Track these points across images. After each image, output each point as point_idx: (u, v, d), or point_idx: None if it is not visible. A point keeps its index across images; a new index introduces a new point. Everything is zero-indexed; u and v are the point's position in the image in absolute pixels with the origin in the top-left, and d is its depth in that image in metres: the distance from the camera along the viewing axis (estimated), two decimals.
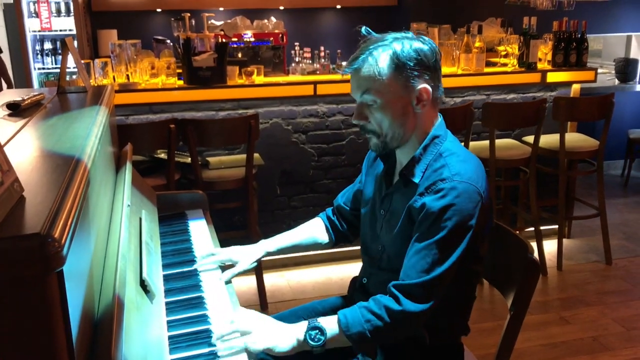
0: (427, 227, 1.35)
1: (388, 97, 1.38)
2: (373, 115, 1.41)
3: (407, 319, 1.34)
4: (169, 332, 1.27)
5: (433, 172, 1.39)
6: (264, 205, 3.52)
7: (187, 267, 1.59)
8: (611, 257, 3.63)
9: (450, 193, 1.33)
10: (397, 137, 1.43)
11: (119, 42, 3.31)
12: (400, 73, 1.36)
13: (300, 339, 1.34)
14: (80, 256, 0.87)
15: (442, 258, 1.33)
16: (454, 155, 1.41)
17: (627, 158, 5.24)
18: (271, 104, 3.43)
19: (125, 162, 1.72)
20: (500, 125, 3.47)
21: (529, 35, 3.66)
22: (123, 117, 3.22)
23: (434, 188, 1.36)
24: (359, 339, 1.34)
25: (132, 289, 1.12)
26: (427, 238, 1.35)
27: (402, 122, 1.41)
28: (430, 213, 1.34)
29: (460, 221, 1.33)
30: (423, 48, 1.38)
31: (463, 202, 1.33)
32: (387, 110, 1.39)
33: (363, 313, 1.35)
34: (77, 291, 0.81)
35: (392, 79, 1.36)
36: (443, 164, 1.39)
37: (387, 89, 1.37)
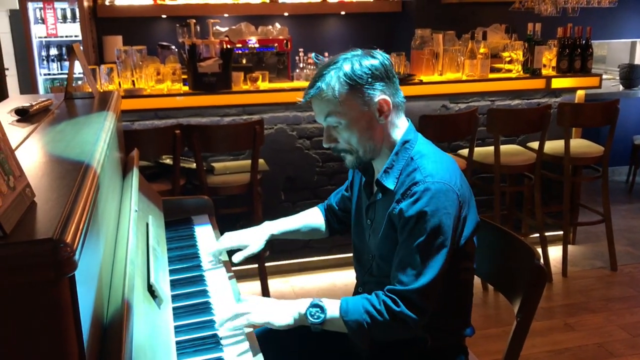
0: (408, 232, 1.38)
1: (350, 116, 1.42)
2: (341, 135, 1.46)
3: (404, 322, 1.37)
4: (176, 337, 1.27)
5: (406, 177, 1.43)
6: (268, 210, 3.52)
7: (194, 273, 1.60)
8: (616, 264, 3.62)
9: (424, 195, 1.36)
10: (369, 150, 1.47)
11: (124, 48, 3.33)
12: (355, 91, 1.41)
13: (301, 312, 1.40)
14: (91, 261, 0.88)
15: (430, 261, 1.36)
16: (425, 157, 1.45)
17: (632, 164, 5.23)
18: (276, 110, 3.43)
19: (132, 167, 1.73)
20: (505, 131, 3.48)
21: (534, 41, 3.67)
22: (129, 122, 3.24)
23: (408, 193, 1.39)
24: (355, 327, 1.38)
25: (140, 294, 1.13)
26: (411, 243, 1.38)
27: (369, 136, 1.45)
28: (409, 218, 1.37)
29: (439, 221, 1.36)
30: (373, 63, 1.42)
31: (438, 202, 1.36)
32: (353, 128, 1.44)
33: (364, 304, 1.39)
34: (87, 296, 0.82)
35: (349, 98, 1.41)
36: (415, 167, 1.43)
37: (347, 108, 1.42)
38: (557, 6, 4.24)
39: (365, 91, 1.41)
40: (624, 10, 5.15)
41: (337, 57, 1.45)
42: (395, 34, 5.17)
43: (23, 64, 5.18)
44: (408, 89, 3.49)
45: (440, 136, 3.28)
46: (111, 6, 4.69)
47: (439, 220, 1.35)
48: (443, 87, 3.59)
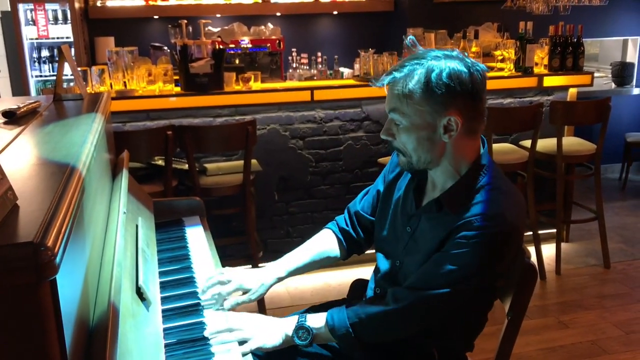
0: (453, 254, 1.30)
1: (413, 120, 1.30)
2: (399, 135, 1.34)
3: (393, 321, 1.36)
4: (165, 340, 1.27)
5: (474, 206, 1.31)
6: (261, 211, 3.52)
7: (184, 274, 1.59)
8: (609, 261, 3.63)
9: (489, 235, 1.28)
10: (424, 162, 1.35)
11: (115, 49, 3.32)
12: (428, 97, 1.27)
13: (288, 334, 1.39)
14: (75, 264, 0.87)
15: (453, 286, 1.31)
16: (499, 191, 1.33)
17: (625, 161, 5.25)
18: (268, 110, 3.43)
19: (122, 169, 1.72)
20: (498, 130, 3.48)
21: (526, 39, 3.67)
22: (120, 124, 3.22)
23: (472, 225, 1.28)
24: (344, 340, 1.38)
25: (128, 297, 1.12)
26: (445, 260, 1.31)
27: (427, 148, 1.32)
28: (461, 246, 1.29)
29: (488, 265, 1.30)
30: (460, 73, 1.27)
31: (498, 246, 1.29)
32: (412, 134, 1.32)
33: (349, 315, 1.38)
34: (71, 299, 0.81)
35: (419, 102, 1.28)
36: (485, 198, 1.31)
37: (414, 112, 1.29)
38: (549, 4, 4.25)
39: (438, 102, 1.27)
40: (615, 8, 5.16)
41: (429, 52, 1.32)
42: (388, 33, 5.17)
43: (14, 65, 5.15)
44: None
45: None
46: (103, 7, 4.68)
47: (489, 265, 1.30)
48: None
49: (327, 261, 1.67)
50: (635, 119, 5.56)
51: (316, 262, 1.65)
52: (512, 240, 1.31)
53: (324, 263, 1.67)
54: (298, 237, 3.62)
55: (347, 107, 3.53)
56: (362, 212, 1.65)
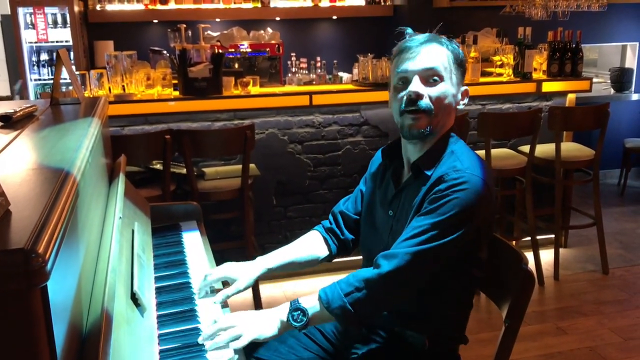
0: (429, 209, 1.39)
1: (449, 81, 1.46)
2: (433, 91, 1.45)
3: (383, 283, 1.36)
4: (160, 346, 1.26)
5: (446, 164, 1.44)
6: (260, 215, 3.51)
7: (180, 280, 1.58)
8: (608, 267, 3.62)
9: (462, 182, 1.37)
10: (440, 125, 1.47)
11: (114, 53, 3.32)
12: (458, 67, 1.48)
13: (283, 320, 1.38)
14: (68, 270, 0.86)
15: (433, 237, 1.36)
16: (466, 154, 1.47)
17: (624, 167, 5.24)
18: (267, 115, 3.43)
19: (119, 174, 1.71)
20: (496, 135, 3.48)
21: (524, 45, 3.68)
22: (119, 128, 3.22)
23: (445, 177, 1.40)
24: (341, 314, 1.37)
25: (123, 303, 1.11)
26: (426, 218, 1.38)
27: (449, 111, 1.48)
28: (438, 198, 1.38)
29: (462, 212, 1.36)
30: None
31: (471, 194, 1.36)
32: (446, 92, 1.45)
33: (342, 287, 1.38)
34: (62, 306, 0.80)
35: (455, 68, 1.47)
36: (456, 159, 1.44)
37: (451, 74, 1.46)
38: (548, 10, 4.26)
39: (460, 73, 1.49)
40: (614, 14, 5.17)
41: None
42: (387, 38, 5.17)
43: (14, 69, 5.15)
44: None
45: None
46: (102, 11, 4.68)
47: (463, 211, 1.36)
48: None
49: (315, 261, 1.70)
50: (634, 124, 5.56)
51: (305, 261, 1.68)
52: (483, 191, 1.38)
53: (313, 263, 1.71)
54: None
55: (345, 111, 3.53)
56: (346, 212, 1.72)
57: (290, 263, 1.65)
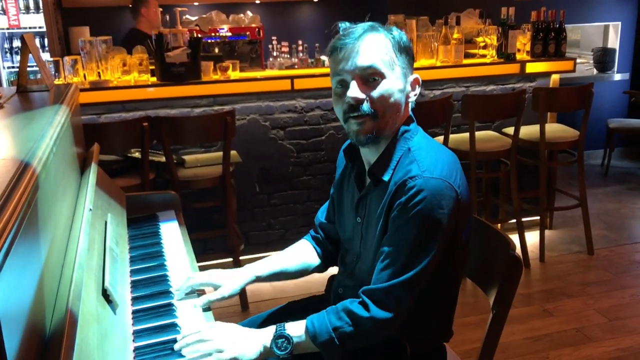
0: (396, 227, 1.29)
1: (393, 75, 1.32)
2: (377, 91, 1.31)
3: (375, 327, 1.29)
4: (135, 342, 1.20)
5: (402, 169, 1.32)
6: (242, 203, 3.45)
7: (157, 272, 1.52)
8: (593, 248, 3.62)
9: (419, 191, 1.26)
10: (391, 125, 1.35)
11: (89, 39, 3.21)
12: (403, 56, 1.33)
13: (267, 345, 1.30)
14: (24, 270, 0.80)
15: (413, 261, 1.27)
16: (423, 150, 1.34)
17: (607, 147, 5.25)
18: (248, 100, 3.35)
19: (91, 163, 1.64)
20: (481, 117, 3.44)
21: (508, 25, 3.63)
22: (95, 115, 3.13)
23: (404, 186, 1.28)
24: (327, 347, 1.29)
25: (93, 300, 1.05)
26: (396, 239, 1.28)
27: (398, 108, 1.34)
28: (402, 212, 1.27)
29: (431, 221, 1.26)
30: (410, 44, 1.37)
31: (433, 200, 1.25)
32: (391, 88, 1.32)
33: (331, 320, 1.30)
34: (16, 309, 0.74)
35: (397, 59, 1.32)
36: (412, 159, 1.32)
37: (394, 66, 1.32)
38: None
39: (409, 62, 1.35)
40: None
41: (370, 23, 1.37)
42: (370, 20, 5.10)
43: None
44: None
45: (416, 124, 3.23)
46: None
47: (433, 219, 1.25)
48: (417, 74, 3.53)
49: (306, 271, 1.63)
50: (617, 104, 5.56)
51: (296, 271, 1.61)
52: (445, 191, 1.27)
53: (304, 272, 1.63)
54: (280, 229, 3.57)
55: (328, 96, 3.47)
56: (325, 224, 1.64)
57: (280, 272, 1.57)
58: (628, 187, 4.87)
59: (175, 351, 1.20)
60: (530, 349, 2.67)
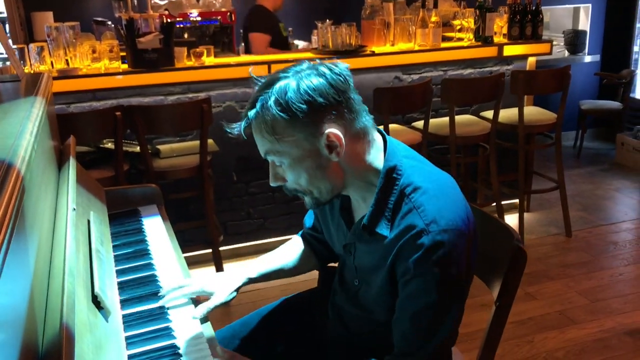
0: (413, 292, 1.15)
1: (292, 155, 1.14)
2: (287, 175, 1.18)
3: None
4: (128, 350, 1.13)
5: (402, 221, 1.16)
6: (220, 193, 3.37)
7: (145, 272, 1.44)
8: (571, 229, 3.65)
9: (432, 250, 1.11)
10: (326, 191, 1.20)
11: (55, 25, 3.07)
12: (294, 125, 1.11)
13: None
14: (15, 282, 0.73)
15: (441, 323, 1.17)
16: (421, 191, 1.16)
17: (579, 129, 5.30)
18: (223, 87, 3.26)
19: (69, 157, 1.55)
20: (460, 101, 3.41)
21: (485, 8, 3.60)
22: (64, 105, 3.00)
23: (410, 247, 1.13)
24: None
25: (84, 308, 0.98)
26: (417, 305, 1.16)
27: (321, 175, 1.17)
28: (415, 276, 1.14)
29: (451, 278, 1.14)
30: (318, 84, 1.11)
31: (448, 258, 1.12)
32: (299, 168, 1.16)
33: None
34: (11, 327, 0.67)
35: (287, 133, 1.12)
36: (411, 208, 1.15)
37: (286, 146, 1.13)
38: None
39: (307, 124, 1.11)
40: None
41: (275, 75, 1.15)
42: (345, 3, 5.02)
43: None
44: (360, 61, 3.37)
45: (394, 109, 3.19)
46: None
47: (452, 277, 1.13)
48: (395, 58, 3.49)
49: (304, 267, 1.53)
50: (589, 86, 5.62)
51: (293, 267, 1.50)
52: (460, 242, 1.14)
53: (302, 269, 1.52)
54: (259, 218, 3.50)
55: None
56: (313, 231, 1.54)
57: (274, 271, 1.46)
58: (601, 168, 4.94)
59: (171, 358, 1.13)
60: (516, 334, 2.68)
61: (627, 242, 3.56)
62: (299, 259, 1.51)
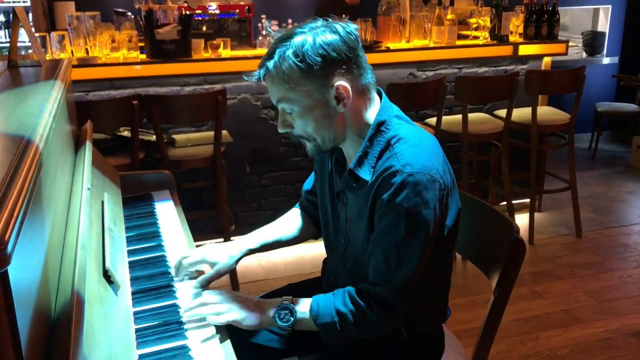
0: (384, 226, 1.26)
1: (303, 103, 1.25)
2: (295, 122, 1.29)
3: (378, 325, 1.30)
4: (136, 324, 1.18)
5: (383, 166, 1.27)
6: (233, 184, 3.42)
7: (155, 253, 1.50)
8: (581, 230, 3.65)
9: (403, 188, 1.22)
10: (329, 140, 1.31)
11: (76, 14, 3.14)
12: (308, 74, 1.22)
13: (270, 314, 1.31)
14: (32, 251, 0.78)
15: (407, 258, 1.25)
16: (403, 141, 1.28)
17: (595, 131, 5.28)
18: (239, 79, 3.30)
19: (85, 141, 1.60)
20: (474, 99, 3.43)
21: (501, 7, 3.61)
22: (83, 93, 3.07)
23: (386, 184, 1.24)
24: (326, 329, 1.30)
25: (95, 281, 1.03)
26: (386, 237, 1.26)
27: (327, 125, 1.28)
28: (386, 210, 1.24)
29: (419, 216, 1.23)
30: (332, 40, 1.21)
31: (417, 197, 1.22)
32: (307, 117, 1.27)
33: (336, 304, 1.30)
34: (27, 291, 0.72)
35: (301, 83, 1.23)
36: (392, 154, 1.27)
37: (299, 94, 1.24)
38: None
39: (320, 76, 1.22)
40: None
41: (292, 30, 1.25)
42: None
43: None
44: (375, 56, 3.39)
45: (408, 105, 3.21)
46: None
47: (419, 216, 1.22)
48: (410, 55, 3.51)
49: (301, 238, 1.61)
50: (606, 88, 5.59)
51: (290, 239, 1.59)
52: (426, 183, 1.23)
53: (299, 240, 1.60)
54: (271, 209, 3.55)
55: None
56: (312, 192, 1.62)
57: (274, 242, 1.55)
58: (615, 170, 4.91)
59: (177, 333, 1.18)
60: (520, 331, 2.70)
61: (638, 244, 3.56)
62: (298, 229, 1.59)
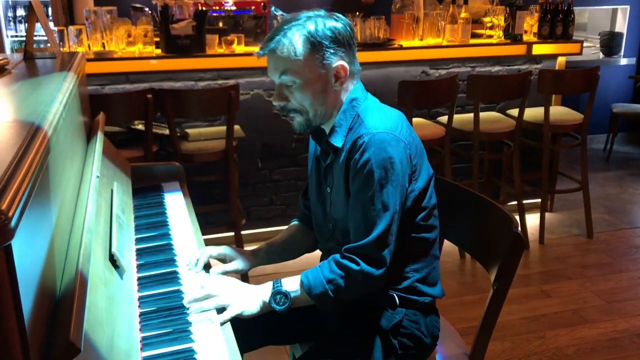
0: (357, 185, 1.37)
1: (307, 77, 1.38)
2: (293, 95, 1.41)
3: (366, 279, 1.37)
4: (140, 308, 1.22)
5: (353, 135, 1.41)
6: (245, 178, 3.46)
7: (162, 241, 1.53)
8: (592, 231, 3.63)
9: (369, 146, 1.35)
10: (320, 114, 1.44)
11: (93, 9, 3.19)
12: (316, 52, 1.37)
13: (265, 300, 1.38)
14: (37, 229, 0.81)
15: (381, 210, 1.35)
16: (370, 111, 1.43)
17: (610, 132, 5.24)
18: (252, 75, 3.34)
19: (97, 132, 1.64)
20: (485, 98, 3.43)
21: (515, 6, 3.60)
22: (99, 86, 3.12)
23: (354, 148, 1.38)
24: (321, 299, 1.38)
25: (100, 264, 1.07)
26: (361, 195, 1.37)
27: (322, 100, 1.42)
28: (357, 170, 1.37)
29: (386, 169, 1.34)
30: (337, 26, 1.39)
31: (383, 150, 1.34)
32: (307, 90, 1.40)
33: (324, 273, 1.39)
34: (31, 267, 0.75)
35: (308, 59, 1.37)
36: (360, 122, 1.41)
37: (305, 68, 1.37)
38: None
39: (326, 54, 1.38)
40: None
41: (300, 14, 1.41)
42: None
43: None
44: (388, 54, 3.41)
45: (420, 103, 3.23)
46: None
47: (387, 169, 1.35)
48: (423, 53, 3.52)
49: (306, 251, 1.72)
50: (622, 89, 5.54)
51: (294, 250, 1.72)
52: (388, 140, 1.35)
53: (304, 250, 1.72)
54: (282, 204, 3.58)
55: None
56: (307, 199, 1.72)
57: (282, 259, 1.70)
58: (630, 172, 4.88)
59: (180, 317, 1.21)
60: (528, 329, 2.70)
61: None
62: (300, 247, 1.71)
